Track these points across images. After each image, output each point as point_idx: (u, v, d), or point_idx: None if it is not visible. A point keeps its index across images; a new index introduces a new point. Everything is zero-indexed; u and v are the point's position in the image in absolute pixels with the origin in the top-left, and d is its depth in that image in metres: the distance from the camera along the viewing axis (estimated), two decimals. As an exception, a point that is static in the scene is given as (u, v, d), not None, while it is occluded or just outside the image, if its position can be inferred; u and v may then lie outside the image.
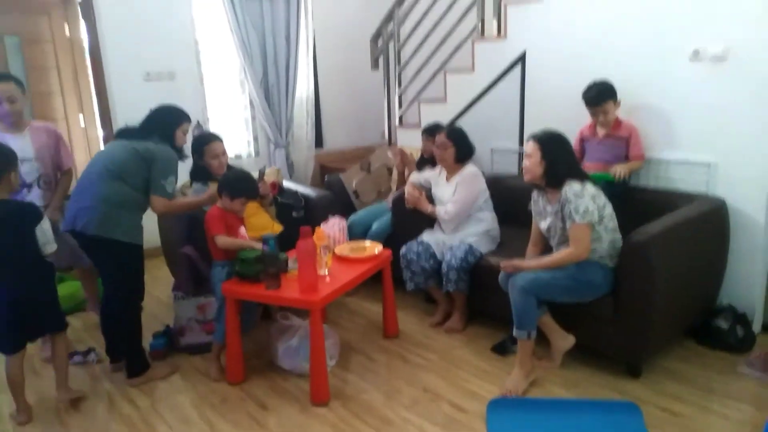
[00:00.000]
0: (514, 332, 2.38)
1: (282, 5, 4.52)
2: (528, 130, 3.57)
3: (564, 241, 2.42)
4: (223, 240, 2.49)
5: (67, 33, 4.72)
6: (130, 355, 2.60)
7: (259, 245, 2.50)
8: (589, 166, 2.99)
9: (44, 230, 2.29)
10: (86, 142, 4.50)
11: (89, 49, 4.47)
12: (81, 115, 4.90)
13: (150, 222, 3.30)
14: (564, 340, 2.51)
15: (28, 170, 2.77)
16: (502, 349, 2.74)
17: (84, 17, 4.37)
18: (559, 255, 2.37)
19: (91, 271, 3.12)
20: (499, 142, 3.74)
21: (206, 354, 2.74)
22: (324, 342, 2.37)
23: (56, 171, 2.95)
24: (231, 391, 2.52)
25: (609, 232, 2.37)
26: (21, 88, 2.79)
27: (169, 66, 4.24)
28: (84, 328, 3.19)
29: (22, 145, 2.70)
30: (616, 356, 2.49)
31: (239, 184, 2.57)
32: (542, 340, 2.49)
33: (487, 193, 3.11)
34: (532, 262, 2.47)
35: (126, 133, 2.58)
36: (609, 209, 2.39)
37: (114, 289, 2.53)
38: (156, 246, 3.50)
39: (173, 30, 4.24)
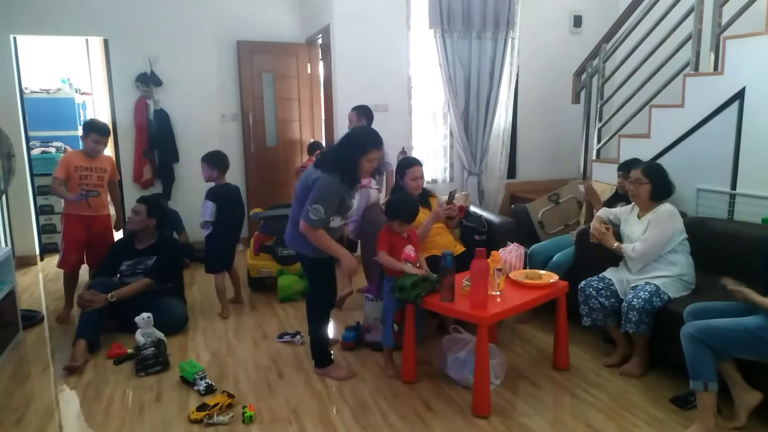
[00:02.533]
0: (690, 383, 2.23)
1: (490, 44, 4.82)
2: (744, 172, 3.27)
3: None
4: (383, 258, 2.79)
5: (309, 70, 5.69)
6: (314, 348, 2.99)
7: (411, 269, 2.72)
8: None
9: None
10: (312, 162, 5.35)
11: (323, 84, 5.32)
12: (312, 139, 5.82)
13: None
14: (748, 396, 2.27)
15: None
16: (683, 402, 2.55)
17: (323, 57, 5.23)
18: None
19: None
20: (706, 183, 3.47)
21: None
22: (488, 358, 2.51)
23: None
24: (402, 389, 2.80)
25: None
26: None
27: (384, 99, 4.81)
28: (295, 315, 3.81)
29: None
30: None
31: (395, 208, 2.85)
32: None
33: (683, 235, 2.93)
34: (759, 297, 2.25)
35: (315, 149, 2.93)
36: None
37: (310, 293, 3.00)
38: (356, 254, 4.03)
39: (392, 68, 4.81)
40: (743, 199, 3.28)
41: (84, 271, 3.88)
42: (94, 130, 3.66)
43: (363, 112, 4.00)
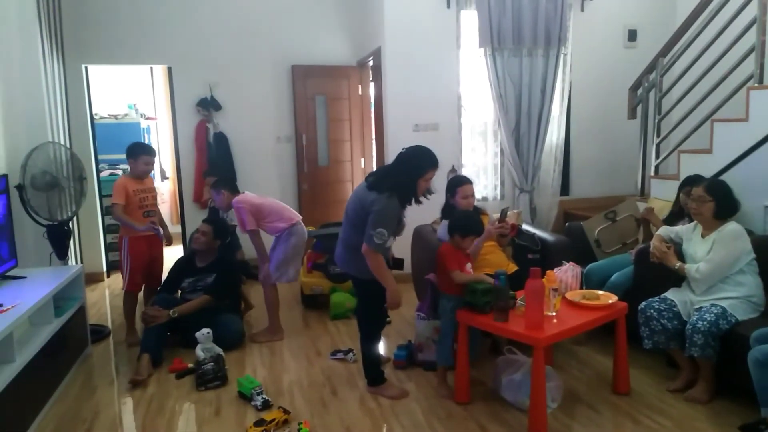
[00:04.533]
0: (761, 410, 2.12)
1: (541, 61, 4.78)
2: (815, 188, 3.09)
3: None
4: (459, 276, 2.80)
5: (360, 92, 5.81)
6: (366, 366, 3.00)
7: (491, 280, 2.73)
8: None
9: None
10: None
11: (374, 104, 5.41)
12: (362, 159, 5.91)
13: (406, 252, 3.87)
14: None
15: None
16: (753, 430, 2.39)
17: (373, 78, 5.33)
18: None
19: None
20: (775, 200, 3.30)
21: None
22: (545, 381, 2.46)
23: None
24: (456, 409, 2.77)
25: None
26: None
27: (434, 118, 4.85)
28: (347, 333, 3.85)
29: None
30: None
31: (468, 224, 2.86)
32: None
33: (751, 255, 2.80)
34: None
35: (372, 175, 2.80)
36: None
37: (360, 313, 3.02)
38: (408, 273, 4.04)
39: (441, 87, 4.84)
40: (816, 216, 3.10)
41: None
42: (145, 152, 3.79)
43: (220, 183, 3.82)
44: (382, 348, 3.37)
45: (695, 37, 4.01)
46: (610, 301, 2.81)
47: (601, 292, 2.93)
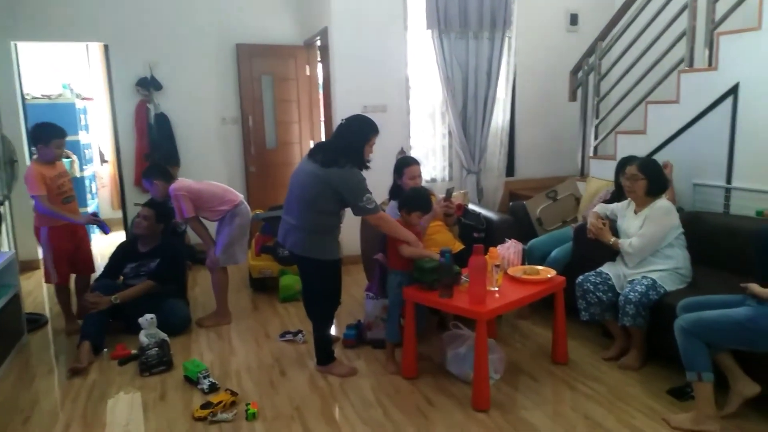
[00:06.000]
0: (686, 374, 2.27)
1: (487, 44, 4.84)
2: (739, 166, 3.30)
3: None
4: (408, 250, 2.84)
5: (308, 72, 5.73)
6: (318, 346, 3.01)
7: (438, 256, 2.78)
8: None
9: None
10: (312, 163, 5.38)
11: (322, 85, 5.35)
12: (311, 141, 5.85)
13: (354, 232, 3.89)
14: (746, 386, 2.31)
15: None
16: (680, 393, 2.59)
17: (321, 59, 5.27)
18: None
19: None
20: (702, 178, 3.50)
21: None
22: (487, 353, 2.55)
23: None
24: (404, 384, 2.83)
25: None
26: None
27: (382, 99, 4.85)
28: (296, 314, 3.84)
29: None
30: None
31: (416, 200, 2.91)
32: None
33: (679, 230, 2.97)
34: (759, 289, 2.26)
35: (318, 152, 2.78)
36: None
37: (312, 293, 2.97)
38: (357, 253, 4.07)
39: (390, 69, 4.84)
40: (738, 192, 3.32)
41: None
42: (57, 135, 3.45)
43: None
44: (332, 328, 3.39)
45: (631, 21, 4.16)
46: (549, 276, 2.92)
47: (540, 268, 3.05)
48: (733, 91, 3.27)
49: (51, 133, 3.45)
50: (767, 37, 3.07)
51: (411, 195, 2.99)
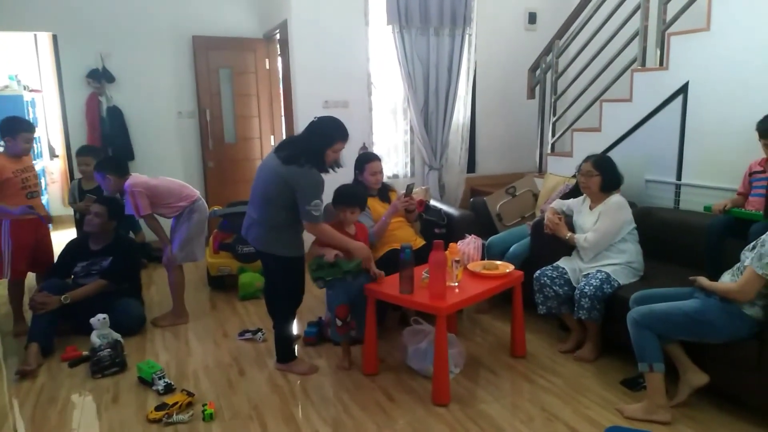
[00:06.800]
0: (638, 365, 2.34)
1: (447, 40, 4.87)
2: (688, 163, 3.42)
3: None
4: (313, 249, 2.80)
5: (267, 66, 5.64)
6: (278, 344, 2.97)
7: (330, 252, 2.73)
8: (753, 201, 2.81)
9: None
10: (273, 158, 5.30)
11: (282, 80, 5.28)
12: (272, 136, 5.77)
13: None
14: (694, 376, 2.39)
15: None
16: (633, 384, 2.67)
17: (281, 53, 5.19)
18: (727, 286, 2.28)
19: None
20: (654, 174, 3.61)
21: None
22: (447, 348, 2.57)
23: None
24: (364, 381, 2.83)
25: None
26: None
27: (344, 95, 4.81)
28: (256, 312, 3.78)
29: None
30: (758, 407, 2.30)
31: (341, 196, 2.89)
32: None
33: (632, 225, 3.05)
34: (717, 284, 2.34)
35: (283, 148, 2.74)
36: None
37: (274, 290, 2.93)
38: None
39: (351, 64, 4.81)
40: (688, 189, 3.44)
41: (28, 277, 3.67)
42: (24, 128, 3.41)
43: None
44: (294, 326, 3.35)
45: (587, 21, 4.26)
46: (507, 271, 2.96)
47: (499, 263, 3.09)
48: (683, 90, 3.38)
49: (19, 126, 3.41)
50: (715, 38, 3.18)
51: (337, 190, 2.94)
